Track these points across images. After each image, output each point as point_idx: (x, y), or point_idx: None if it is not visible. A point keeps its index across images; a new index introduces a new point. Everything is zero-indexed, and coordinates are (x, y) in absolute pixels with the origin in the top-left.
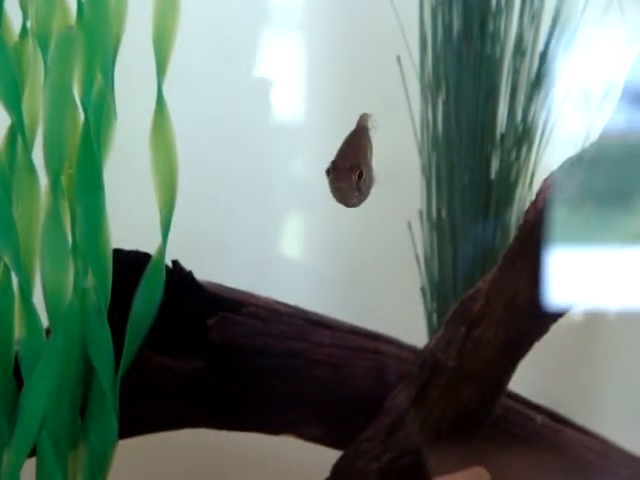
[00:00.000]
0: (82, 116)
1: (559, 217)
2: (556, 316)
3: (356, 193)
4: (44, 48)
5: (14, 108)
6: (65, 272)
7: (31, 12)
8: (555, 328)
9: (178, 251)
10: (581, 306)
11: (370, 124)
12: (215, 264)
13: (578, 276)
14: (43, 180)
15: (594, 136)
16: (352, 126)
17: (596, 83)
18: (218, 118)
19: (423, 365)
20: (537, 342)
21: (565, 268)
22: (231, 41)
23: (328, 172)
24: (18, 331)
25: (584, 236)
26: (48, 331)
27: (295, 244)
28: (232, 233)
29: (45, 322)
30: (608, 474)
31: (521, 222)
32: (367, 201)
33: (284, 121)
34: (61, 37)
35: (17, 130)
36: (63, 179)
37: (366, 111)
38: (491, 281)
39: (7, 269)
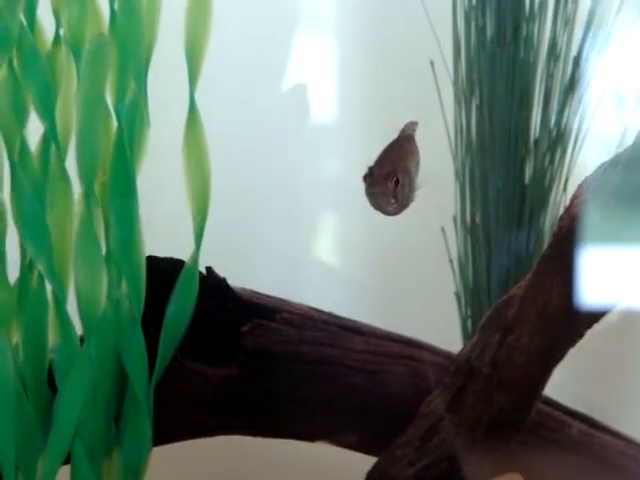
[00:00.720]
0: (115, 123)
1: (593, 222)
2: (591, 322)
3: (392, 200)
4: (77, 56)
5: (47, 116)
6: (99, 280)
7: (64, 20)
8: (591, 332)
9: (211, 257)
10: (617, 310)
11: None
12: (248, 270)
13: (613, 281)
14: (76, 188)
15: (629, 139)
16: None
17: (631, 86)
18: (251, 123)
19: (457, 371)
20: (572, 348)
21: (600, 273)
22: (264, 46)
23: (365, 178)
24: (52, 339)
25: (619, 240)
26: (82, 339)
27: (328, 249)
28: (265, 239)
29: (79, 330)
30: None
31: (555, 228)
32: None
33: (318, 125)
34: (93, 45)
35: (50, 138)
36: (96, 186)
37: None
38: (525, 287)
39: (41, 277)
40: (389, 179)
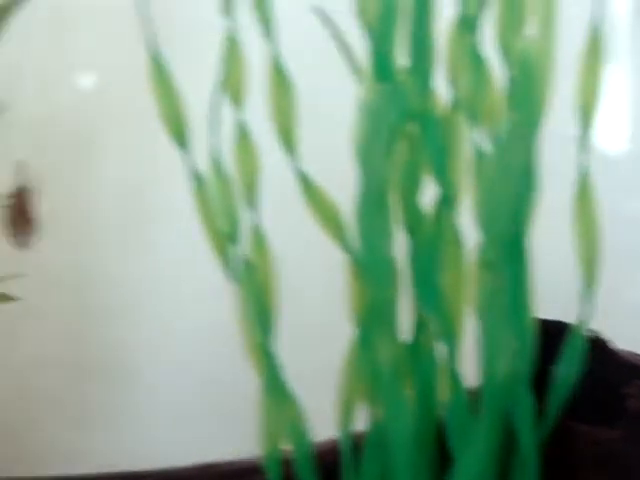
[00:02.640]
0: None
1: None
2: None
3: None
4: (472, 119)
5: (442, 179)
6: (503, 341)
7: (460, 86)
8: None
9: None
10: None
11: None
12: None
13: None
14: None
15: None
16: None
17: None
18: None
19: None
20: None
21: None
22: None
23: None
24: (442, 396)
25: None
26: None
27: None
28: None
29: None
30: None
31: None
32: None
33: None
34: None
35: (444, 201)
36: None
37: None
38: None
39: (432, 334)
40: None
